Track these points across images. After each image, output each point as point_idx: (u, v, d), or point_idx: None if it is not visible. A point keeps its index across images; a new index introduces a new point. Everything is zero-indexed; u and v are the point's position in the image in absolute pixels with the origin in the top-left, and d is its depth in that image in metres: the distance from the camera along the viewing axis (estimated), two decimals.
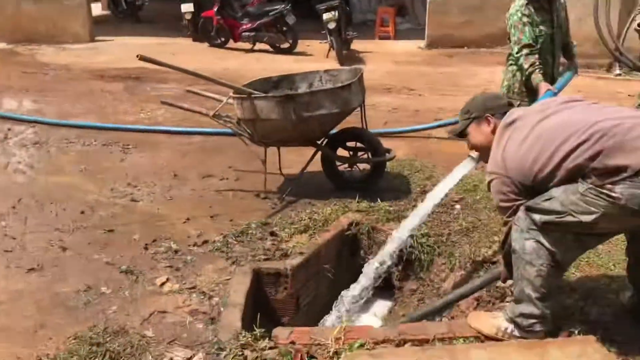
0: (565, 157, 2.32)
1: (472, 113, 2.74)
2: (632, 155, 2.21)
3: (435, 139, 5.82)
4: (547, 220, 2.36)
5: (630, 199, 2.21)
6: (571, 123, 2.37)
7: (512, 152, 2.46)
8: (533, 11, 4.08)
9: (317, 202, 4.24)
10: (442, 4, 11.09)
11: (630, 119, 2.33)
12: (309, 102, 3.96)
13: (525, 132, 2.45)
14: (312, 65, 9.38)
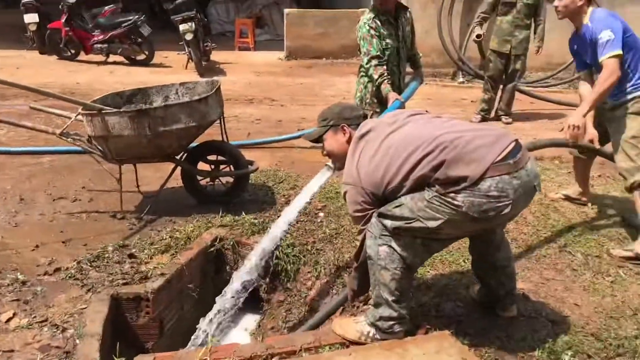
0: (412, 168, 2.45)
1: (330, 121, 2.81)
2: (471, 166, 2.38)
3: (298, 149, 5.89)
4: (397, 226, 2.48)
5: (470, 207, 2.37)
6: (417, 136, 2.51)
7: (365, 164, 2.55)
8: (380, 24, 4.22)
9: (178, 220, 4.10)
10: (299, 17, 11.33)
11: (470, 132, 2.50)
12: (164, 116, 3.83)
13: (377, 144, 2.56)
14: (170, 77, 9.16)
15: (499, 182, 2.37)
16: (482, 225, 2.52)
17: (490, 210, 2.38)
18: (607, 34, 3.57)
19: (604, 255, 3.66)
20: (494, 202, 2.38)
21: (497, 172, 2.37)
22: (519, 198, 2.44)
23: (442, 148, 2.42)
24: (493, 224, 2.57)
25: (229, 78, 9.53)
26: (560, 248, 3.74)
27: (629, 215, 4.12)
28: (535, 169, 2.52)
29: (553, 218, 4.13)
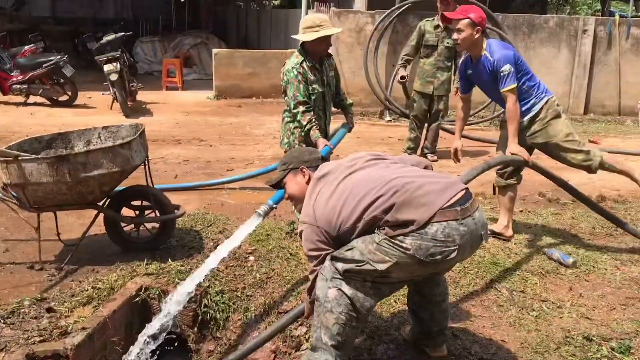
0: (364, 210, 2.51)
1: (289, 165, 2.90)
2: (419, 210, 2.44)
3: (227, 190, 5.81)
4: (348, 269, 2.52)
5: (418, 250, 2.43)
6: (371, 179, 2.58)
7: (322, 205, 2.60)
8: (307, 69, 4.20)
9: (101, 269, 3.93)
10: (227, 57, 11.35)
11: (422, 178, 2.58)
12: (85, 162, 3.69)
13: (334, 186, 2.63)
14: (94, 118, 8.92)
15: (445, 227, 2.44)
16: (430, 270, 2.58)
17: (437, 254, 2.44)
18: (507, 68, 4.07)
19: (528, 290, 3.77)
20: (440, 246, 2.43)
21: (445, 217, 2.44)
22: (465, 244, 2.51)
23: (394, 191, 2.48)
24: (440, 268, 2.64)
25: (155, 118, 9.37)
26: (486, 284, 3.83)
27: (549, 250, 4.29)
28: (483, 218, 2.61)
29: (479, 254, 4.23)
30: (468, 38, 4.14)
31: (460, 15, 4.17)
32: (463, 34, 4.14)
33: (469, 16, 4.12)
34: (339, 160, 2.95)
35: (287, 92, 4.20)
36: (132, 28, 15.00)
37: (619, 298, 3.72)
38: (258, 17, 16.77)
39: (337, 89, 4.55)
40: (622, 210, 5.39)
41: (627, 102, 10.67)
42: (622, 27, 10.51)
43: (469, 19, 4.11)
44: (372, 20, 10.07)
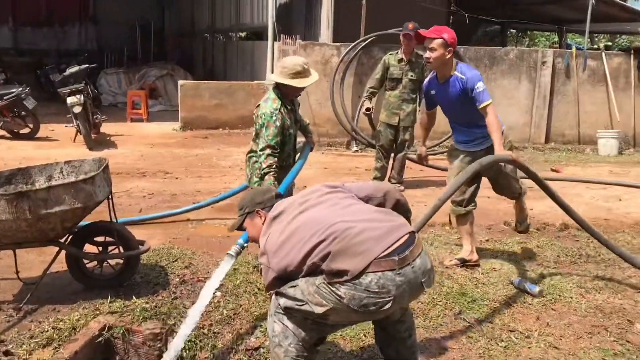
0: (306, 255, 2.52)
1: (245, 209, 2.93)
2: (354, 260, 2.42)
3: (194, 222, 5.74)
4: (289, 306, 2.54)
5: (351, 300, 2.42)
6: (316, 221, 2.58)
7: (272, 247, 2.63)
8: (285, 115, 4.11)
9: (62, 308, 3.80)
10: (193, 88, 11.34)
11: (363, 222, 2.54)
12: (47, 198, 3.59)
13: (283, 226, 2.65)
14: (57, 151, 8.75)
15: (380, 278, 2.40)
16: (367, 318, 2.61)
17: (370, 305, 2.41)
18: (482, 85, 4.27)
19: (496, 321, 3.78)
20: (373, 297, 2.40)
21: (380, 267, 2.40)
22: (403, 294, 2.46)
23: (332, 239, 2.48)
24: (377, 317, 2.64)
25: (120, 151, 9.25)
26: (455, 315, 3.83)
27: (516, 280, 4.33)
28: (425, 264, 2.56)
29: (447, 285, 4.25)
30: (440, 57, 4.26)
31: (434, 34, 4.28)
32: (435, 52, 4.25)
33: (442, 36, 4.26)
34: (294, 196, 2.97)
35: (260, 134, 4.12)
36: (96, 59, 14.90)
37: (585, 326, 3.76)
38: (224, 49, 16.84)
39: (300, 118, 4.54)
40: (585, 238, 5.49)
41: (586, 131, 10.98)
42: (579, 59, 10.88)
43: (442, 39, 4.25)
44: (337, 52, 10.21)
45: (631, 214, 6.56)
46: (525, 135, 10.85)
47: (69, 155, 8.18)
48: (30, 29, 21.71)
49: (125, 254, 4.07)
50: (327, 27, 11.20)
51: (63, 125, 10.49)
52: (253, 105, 4.44)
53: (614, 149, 10.33)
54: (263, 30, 12.94)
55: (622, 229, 5.93)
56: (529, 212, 5.07)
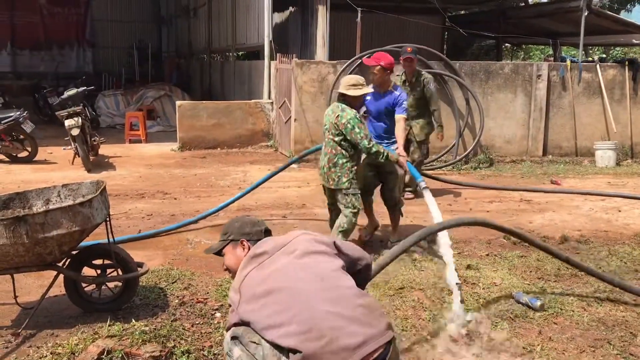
0: (274, 327, 2.42)
1: (230, 235, 2.85)
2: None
3: (193, 243, 5.72)
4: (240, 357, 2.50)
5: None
6: (299, 295, 2.45)
7: (248, 290, 2.56)
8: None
9: (61, 332, 3.77)
10: (191, 109, 11.37)
11: (343, 320, 2.37)
12: (44, 222, 3.59)
13: (265, 274, 2.57)
14: (54, 174, 8.76)
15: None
16: None
17: None
18: (406, 103, 5.64)
19: (499, 336, 3.75)
20: None
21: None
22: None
23: (308, 332, 2.34)
24: None
25: (118, 172, 9.25)
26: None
27: (517, 294, 4.31)
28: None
29: (448, 301, 4.22)
30: (379, 78, 5.57)
31: (374, 62, 5.54)
32: (377, 76, 5.56)
33: (380, 63, 5.48)
34: (280, 238, 2.84)
35: (354, 135, 4.92)
36: (94, 82, 14.98)
37: (587, 340, 3.74)
38: (221, 69, 16.93)
39: None
40: (585, 251, 5.48)
41: (583, 143, 11.00)
42: (574, 71, 10.93)
43: (380, 66, 5.49)
44: (333, 70, 10.26)
45: (630, 225, 6.55)
46: (522, 148, 10.87)
47: (67, 178, 8.20)
48: (28, 53, 21.87)
49: (123, 277, 4.06)
50: (323, 46, 11.28)
51: (61, 147, 10.52)
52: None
53: (611, 161, 10.34)
54: (259, 50, 13.03)
55: (622, 241, 5.92)
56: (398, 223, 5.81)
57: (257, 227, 2.88)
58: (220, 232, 2.99)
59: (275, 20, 14.45)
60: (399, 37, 13.95)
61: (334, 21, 12.01)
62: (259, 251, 2.68)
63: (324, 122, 5.18)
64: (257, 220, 2.98)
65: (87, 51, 23.05)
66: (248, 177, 8.82)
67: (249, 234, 2.82)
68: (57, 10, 22.33)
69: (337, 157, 5.02)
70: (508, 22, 15.64)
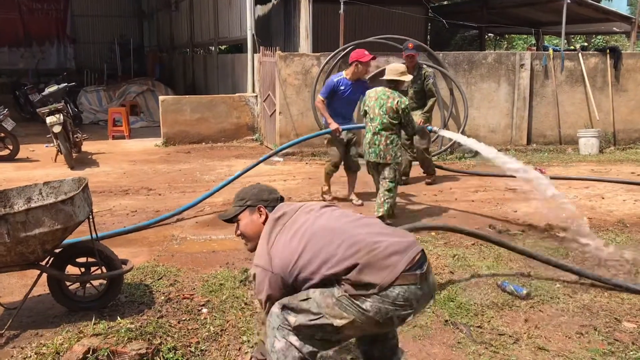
0: (324, 262, 2.47)
1: (247, 201, 2.81)
2: (382, 273, 2.42)
3: (178, 239, 5.68)
4: (301, 323, 2.48)
5: (378, 313, 2.42)
6: (334, 231, 2.55)
7: (279, 249, 2.55)
8: None
9: (45, 332, 3.73)
10: (174, 103, 11.28)
11: (382, 236, 2.56)
12: (25, 221, 3.53)
13: (293, 230, 2.59)
14: (37, 172, 8.65)
15: (406, 291, 2.44)
16: (384, 329, 2.58)
17: (394, 317, 2.44)
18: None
19: (485, 325, 3.77)
20: (399, 309, 2.43)
21: (406, 281, 2.44)
22: (419, 307, 2.54)
23: (357, 249, 2.46)
24: (394, 327, 2.64)
25: (102, 169, 9.16)
26: (444, 322, 3.81)
27: (503, 283, 4.33)
28: (434, 281, 2.64)
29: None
30: (366, 71, 6.79)
31: (369, 58, 6.61)
32: (366, 69, 6.72)
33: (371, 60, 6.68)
34: (294, 204, 2.92)
35: (409, 118, 5.84)
36: (76, 78, 14.80)
37: (573, 327, 3.76)
38: (204, 63, 16.79)
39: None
40: (570, 239, 5.52)
41: (567, 131, 11.07)
42: (557, 60, 10.99)
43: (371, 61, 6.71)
44: (317, 62, 10.21)
45: (614, 211, 6.61)
46: (507, 137, 10.92)
47: (50, 175, 8.10)
48: (7, 50, 21.60)
49: (108, 275, 4.01)
50: (306, 38, 11.22)
51: (43, 145, 10.39)
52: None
53: (594, 148, 10.42)
54: (242, 43, 12.94)
55: (606, 227, 5.97)
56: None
57: (273, 194, 2.88)
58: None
59: (258, 13, 14.36)
60: (383, 29, 13.92)
61: (317, 13, 11.94)
62: (279, 214, 2.71)
63: (370, 106, 5.91)
64: (273, 189, 2.98)
65: (68, 47, 22.80)
66: (233, 171, 8.74)
67: (266, 200, 2.80)
68: (37, 6, 22.07)
69: (394, 136, 5.82)
70: (491, 12, 15.68)
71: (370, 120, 5.90)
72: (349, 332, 2.53)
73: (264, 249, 2.61)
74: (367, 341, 2.89)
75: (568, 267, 4.50)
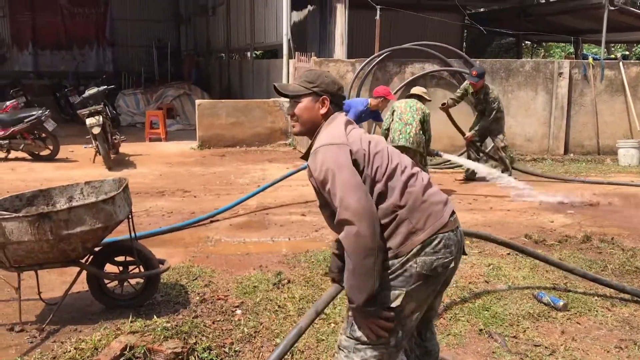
0: (394, 170, 2.42)
1: (316, 87, 2.57)
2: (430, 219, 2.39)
3: (213, 241, 5.74)
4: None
5: (423, 267, 2.35)
6: (405, 160, 2.52)
7: (355, 138, 2.45)
8: None
9: (84, 328, 3.82)
10: (210, 107, 11.42)
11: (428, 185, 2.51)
12: (67, 219, 3.63)
13: (367, 135, 2.53)
14: (76, 172, 8.85)
15: (445, 238, 2.40)
16: (435, 287, 2.46)
17: (439, 266, 2.37)
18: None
19: (520, 335, 3.72)
20: (441, 258, 2.37)
21: (447, 228, 2.41)
22: (457, 256, 2.47)
23: (416, 179, 2.45)
24: (442, 282, 2.50)
25: (139, 170, 9.33)
26: (478, 331, 3.77)
27: (539, 293, 4.26)
28: (461, 230, 2.56)
29: (469, 300, 4.19)
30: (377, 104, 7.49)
31: (391, 97, 7.56)
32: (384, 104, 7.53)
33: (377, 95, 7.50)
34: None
35: (428, 126, 7.18)
36: (114, 81, 15.11)
37: (612, 340, 3.68)
38: (240, 68, 16.98)
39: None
40: (608, 250, 5.41)
41: (606, 141, 10.86)
42: (596, 69, 10.79)
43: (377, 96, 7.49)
44: (352, 68, 10.24)
45: None
46: (544, 146, 10.76)
47: (88, 175, 8.28)
48: (49, 53, 22.19)
49: (145, 274, 4.09)
50: (342, 44, 11.26)
51: (82, 146, 10.64)
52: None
53: (634, 159, 10.19)
54: (278, 48, 13.04)
55: None
56: None
57: (341, 91, 2.65)
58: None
59: (294, 19, 14.46)
60: (418, 35, 13.88)
61: (353, 19, 11.97)
62: (348, 119, 2.59)
63: (399, 107, 7.19)
64: (341, 85, 2.71)
65: (107, 50, 23.31)
66: (267, 175, 8.83)
67: (333, 94, 2.58)
68: (77, 10, 22.61)
69: (420, 131, 7.04)
70: (528, 20, 15.48)
71: (399, 119, 7.08)
72: (410, 308, 2.40)
73: (338, 131, 2.46)
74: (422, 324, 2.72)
75: (606, 282, 4.40)
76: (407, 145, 6.89)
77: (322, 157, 2.37)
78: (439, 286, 2.50)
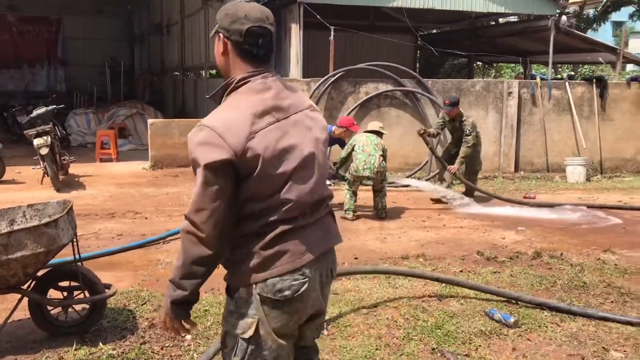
0: (281, 188, 2.07)
1: (216, 22, 2.12)
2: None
3: (164, 264, 5.60)
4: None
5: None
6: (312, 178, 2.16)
7: (242, 126, 1.99)
8: None
9: (24, 358, 3.64)
10: (163, 126, 11.27)
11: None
12: (7, 243, 3.47)
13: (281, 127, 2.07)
14: (23, 194, 8.56)
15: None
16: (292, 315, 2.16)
17: (285, 289, 2.10)
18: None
19: (472, 354, 3.73)
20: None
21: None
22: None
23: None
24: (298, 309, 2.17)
25: (88, 192, 9.08)
26: (431, 350, 3.77)
27: (490, 310, 4.30)
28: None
29: (422, 319, 4.19)
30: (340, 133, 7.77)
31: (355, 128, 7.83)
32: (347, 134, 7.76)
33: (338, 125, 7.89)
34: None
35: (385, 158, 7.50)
36: (65, 100, 14.77)
37: (561, 356, 3.73)
38: (194, 87, 16.84)
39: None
40: (557, 266, 5.52)
41: (554, 159, 11.17)
42: (544, 89, 11.13)
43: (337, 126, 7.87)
44: (307, 87, 10.28)
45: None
46: (494, 164, 10.99)
47: (35, 198, 8.00)
48: None
49: (90, 299, 3.94)
50: (297, 63, 11.29)
51: (30, 167, 10.29)
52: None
53: (581, 176, 10.50)
54: None
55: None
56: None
57: (243, 25, 2.06)
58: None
59: None
60: (373, 55, 14.06)
61: (308, 39, 12.05)
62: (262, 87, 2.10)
63: (362, 141, 7.38)
64: (259, 16, 2.09)
65: (58, 69, 22.85)
66: None
67: (227, 30, 2.09)
68: (28, 28, 22.16)
69: (384, 162, 7.35)
70: (479, 41, 15.89)
71: (361, 151, 7.29)
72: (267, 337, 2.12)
73: (229, 115, 2.03)
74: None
75: (542, 303, 4.47)
76: (372, 175, 7.26)
77: (196, 138, 2.04)
78: (299, 314, 2.18)
